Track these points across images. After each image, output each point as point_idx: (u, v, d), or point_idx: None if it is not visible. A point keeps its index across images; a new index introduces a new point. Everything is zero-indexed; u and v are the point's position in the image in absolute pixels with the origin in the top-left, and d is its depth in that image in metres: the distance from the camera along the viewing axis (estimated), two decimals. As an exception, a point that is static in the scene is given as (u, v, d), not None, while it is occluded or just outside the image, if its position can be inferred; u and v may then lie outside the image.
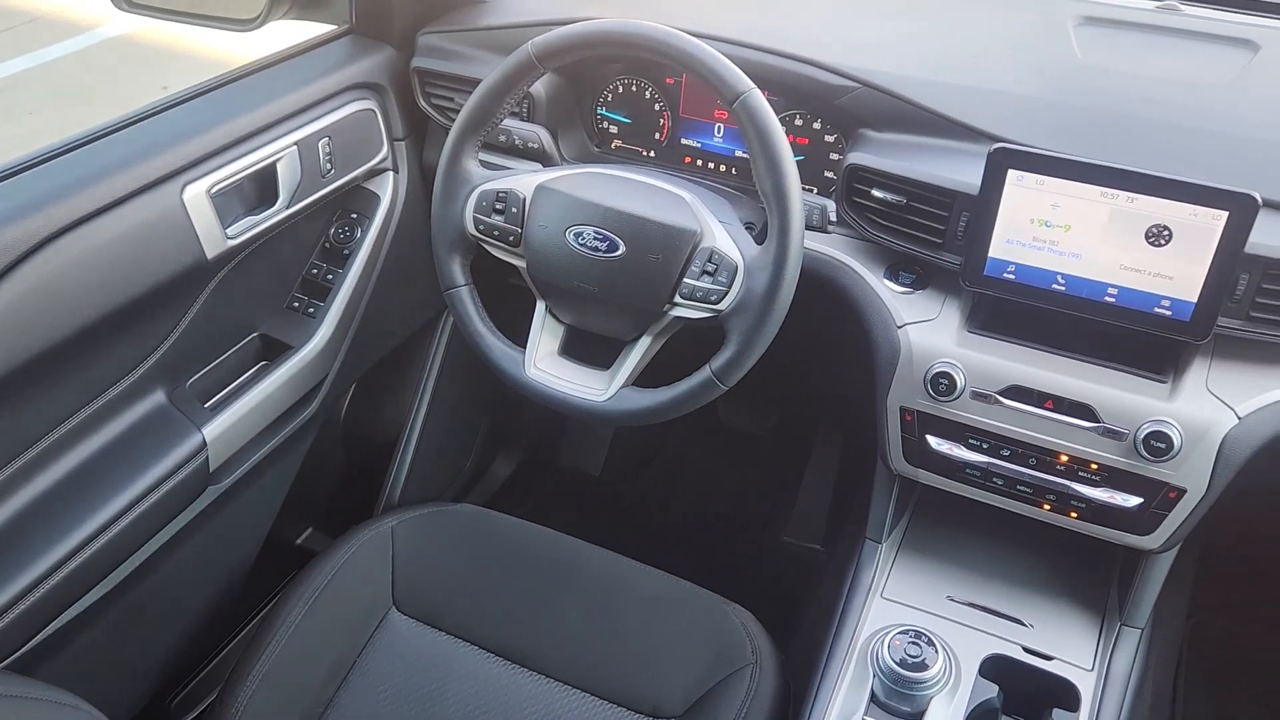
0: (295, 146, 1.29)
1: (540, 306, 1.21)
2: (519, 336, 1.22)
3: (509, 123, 1.35)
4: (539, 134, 1.34)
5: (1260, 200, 0.98)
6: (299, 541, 1.75)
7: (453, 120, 1.19)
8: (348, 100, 1.38)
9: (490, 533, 1.35)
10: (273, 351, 1.38)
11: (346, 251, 1.44)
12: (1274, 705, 1.74)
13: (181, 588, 1.36)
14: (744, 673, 1.17)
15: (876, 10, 1.41)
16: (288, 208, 1.30)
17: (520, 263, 1.19)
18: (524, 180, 1.18)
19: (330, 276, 1.43)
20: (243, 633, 1.62)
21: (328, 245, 1.45)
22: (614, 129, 1.45)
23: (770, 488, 2.13)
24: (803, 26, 1.34)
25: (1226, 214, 1.00)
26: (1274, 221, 1.04)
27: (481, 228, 1.18)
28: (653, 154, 1.44)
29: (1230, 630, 1.83)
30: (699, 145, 1.41)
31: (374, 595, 1.27)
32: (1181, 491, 1.10)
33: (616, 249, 1.11)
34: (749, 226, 1.17)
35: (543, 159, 1.35)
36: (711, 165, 1.41)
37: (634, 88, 1.41)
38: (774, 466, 2.16)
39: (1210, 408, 1.08)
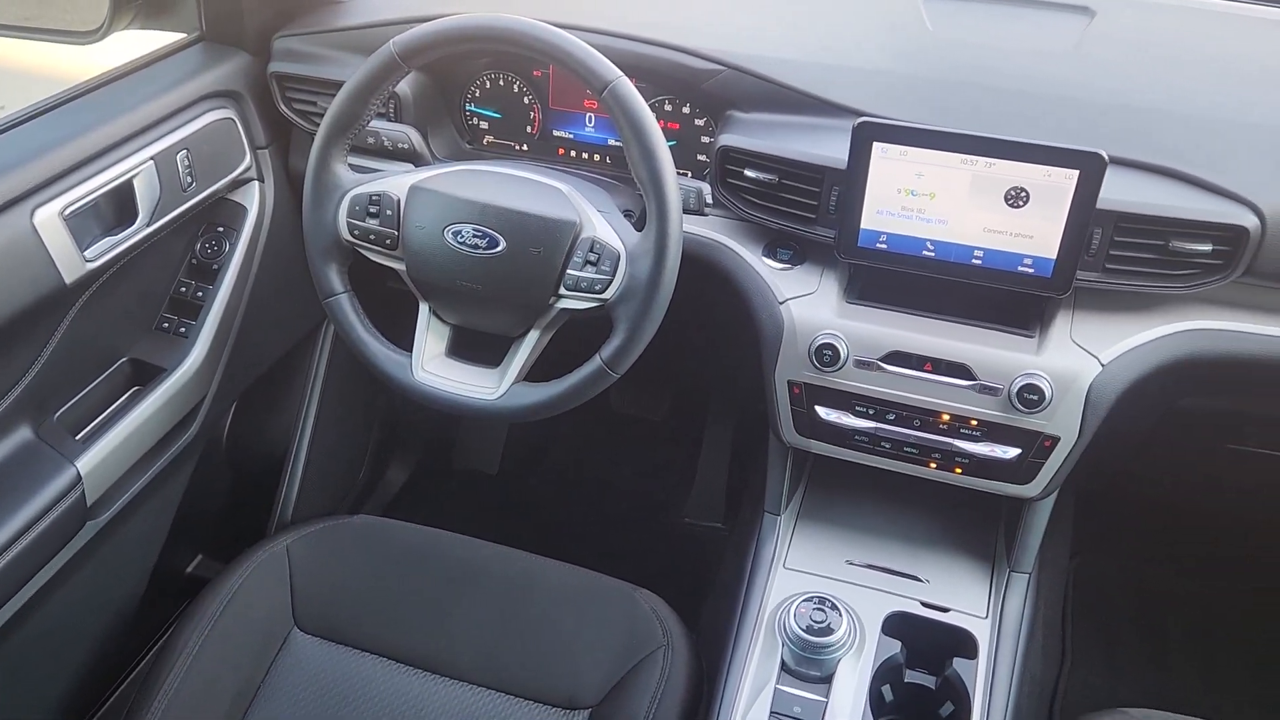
0: (152, 161, 1.24)
1: (423, 308, 1.20)
2: (404, 340, 1.21)
3: (377, 124, 1.33)
4: (408, 134, 1.32)
5: (1107, 158, 1.04)
6: (190, 570, 1.69)
7: (317, 125, 1.16)
8: (204, 110, 1.34)
9: (389, 542, 1.33)
10: (145, 375, 1.33)
11: (216, 266, 1.39)
12: (1153, 633, 1.84)
13: (67, 629, 1.30)
14: (656, 655, 1.18)
15: None
16: (149, 225, 1.25)
17: (399, 265, 1.17)
18: (397, 182, 1.16)
19: (200, 294, 1.38)
20: (136, 670, 1.56)
21: (195, 261, 1.40)
22: (485, 125, 1.43)
23: (668, 471, 2.15)
24: (666, 14, 1.35)
25: (1077, 173, 1.05)
26: (1121, 177, 1.10)
27: (356, 233, 1.16)
28: (526, 148, 1.43)
29: (1110, 567, 1.94)
30: (572, 136, 1.40)
31: (273, 617, 1.24)
32: (1055, 439, 1.16)
33: (497, 245, 1.11)
34: (628, 214, 1.17)
35: (414, 159, 1.33)
36: (586, 155, 1.41)
37: (502, 82, 1.40)
38: (670, 450, 2.19)
39: (1075, 358, 1.14)
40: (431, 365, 1.19)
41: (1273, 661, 1.80)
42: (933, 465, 1.23)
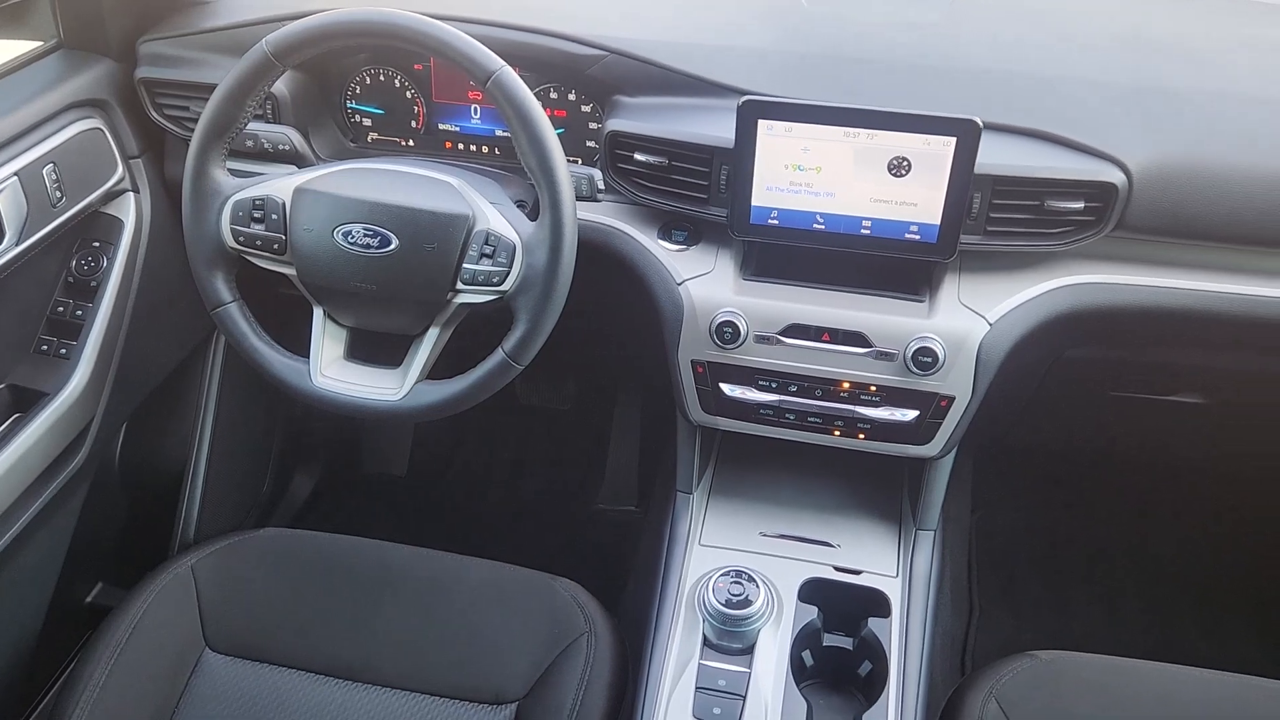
0: (16, 177, 1.18)
1: (318, 313, 1.17)
2: (300, 346, 1.18)
3: (255, 126, 1.29)
4: (288, 135, 1.28)
5: (981, 124, 1.08)
6: (90, 599, 1.62)
7: (192, 130, 1.12)
8: (69, 121, 1.28)
9: (300, 553, 1.30)
10: (25, 401, 1.27)
11: (94, 283, 1.34)
12: (1051, 577, 1.93)
13: (-40, 673, 1.24)
14: (580, 643, 1.19)
15: None
16: (18, 244, 1.19)
17: (289, 270, 1.14)
18: (280, 184, 1.13)
19: (80, 313, 1.32)
20: (39, 709, 1.49)
21: (71, 279, 1.34)
22: (367, 121, 1.41)
23: (579, 459, 2.15)
24: (547, 1, 1.34)
25: (955, 140, 1.09)
26: (996, 142, 1.14)
27: (241, 239, 1.13)
28: (412, 143, 1.41)
29: (1009, 518, 2.01)
30: (458, 129, 1.39)
31: (183, 640, 1.20)
32: (951, 399, 1.20)
33: (389, 243, 1.09)
34: (520, 204, 1.17)
35: (297, 160, 1.29)
36: (474, 148, 1.40)
37: (382, 77, 1.38)
38: (580, 437, 2.19)
39: (964, 319, 1.18)
40: (330, 370, 1.16)
41: (1167, 594, 1.90)
42: (837, 433, 1.26)
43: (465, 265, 1.09)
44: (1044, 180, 1.13)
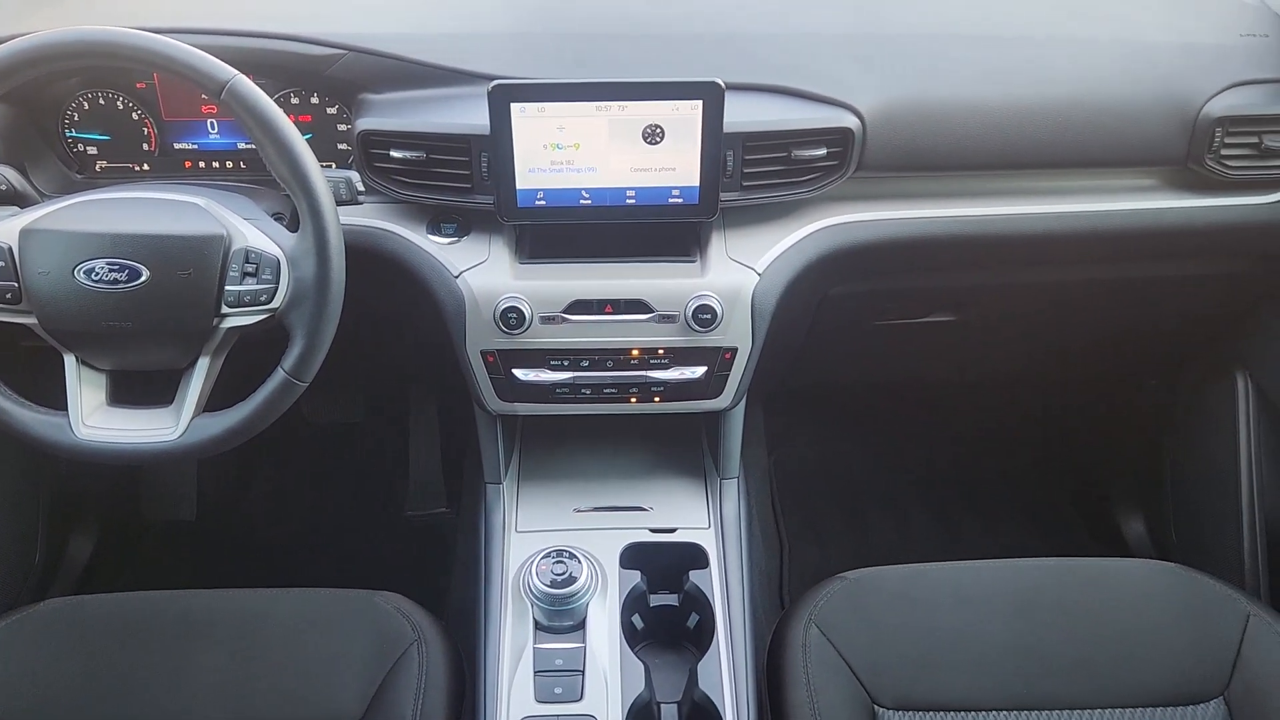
0: None
1: (69, 360, 1.08)
2: (56, 399, 1.09)
3: (-39, 169, 1.17)
4: (3, 174, 1.17)
5: (724, 85, 1.12)
6: None
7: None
8: None
9: (88, 621, 1.20)
10: None
11: None
12: (848, 504, 2.06)
13: None
14: (410, 652, 1.16)
15: None
16: None
17: (28, 320, 1.05)
18: (3, 228, 1.03)
19: None
20: None
21: None
22: (92, 150, 1.31)
23: (381, 469, 2.10)
24: (274, 4, 1.29)
25: (701, 103, 1.13)
26: (741, 101, 1.19)
27: None
28: (147, 167, 1.32)
29: (802, 456, 2.13)
30: (196, 147, 1.31)
31: (-32, 738, 1.09)
32: (734, 350, 1.25)
33: (139, 276, 1.02)
34: (278, 217, 1.12)
35: (17, 200, 1.18)
36: (216, 164, 1.32)
37: (102, 100, 1.28)
38: (378, 447, 2.13)
39: (735, 273, 1.23)
40: (94, 419, 1.08)
41: (948, 501, 2.06)
42: (634, 399, 1.29)
43: (228, 288, 1.03)
44: (788, 132, 1.19)
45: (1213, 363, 1.66)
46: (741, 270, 1.24)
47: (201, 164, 1.32)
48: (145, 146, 1.31)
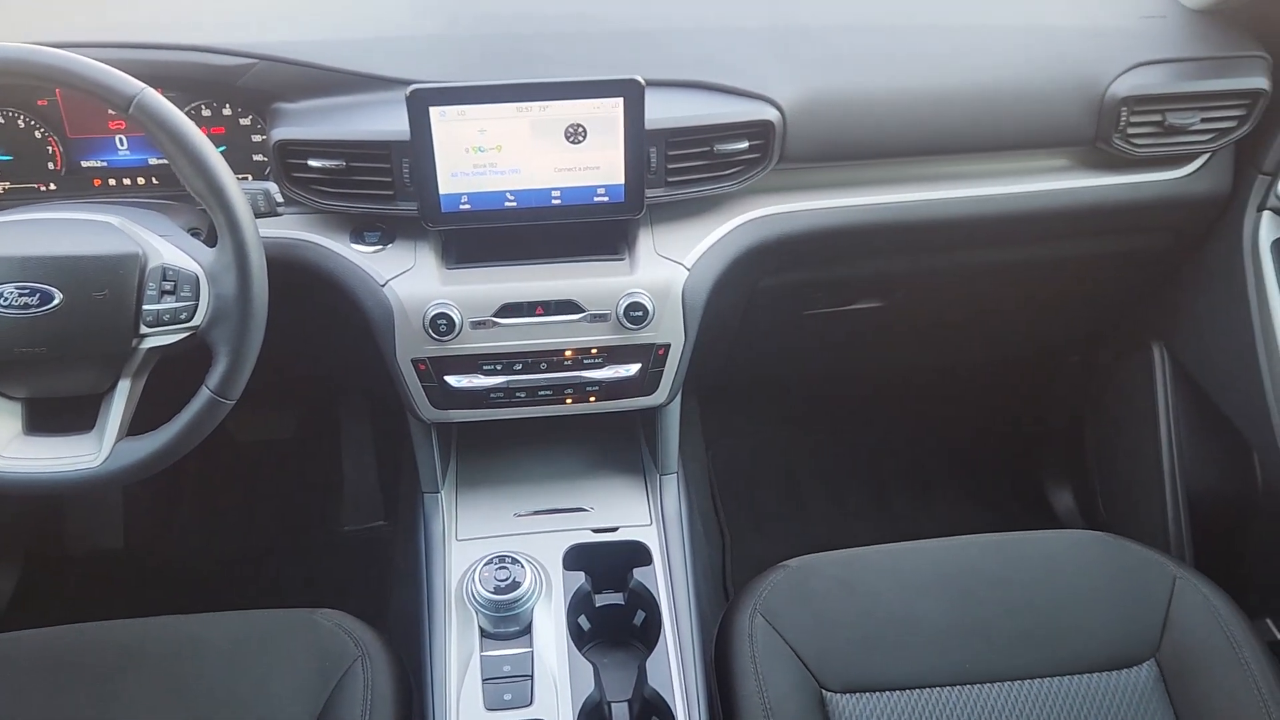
0: None
1: (-20, 390, 1.04)
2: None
3: None
4: (-100, 199, 1.13)
5: (644, 81, 1.12)
6: None
7: None
8: None
9: (15, 658, 1.16)
10: None
11: None
12: (786, 493, 2.08)
13: None
14: (354, 669, 1.14)
15: None
16: None
17: (-65, 350, 1.01)
18: None
19: None
20: None
21: None
22: (-7, 171, 1.26)
23: (315, 485, 2.06)
24: (179, 11, 1.25)
25: (622, 100, 1.13)
26: (663, 97, 1.20)
27: None
28: (54, 187, 1.27)
29: (740, 448, 2.14)
30: (105, 164, 1.27)
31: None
32: (667, 346, 1.25)
33: (51, 299, 0.98)
34: (195, 233, 1.09)
35: (-86, 227, 1.14)
36: (128, 181, 1.29)
37: (2, 120, 1.23)
38: (311, 463, 2.09)
39: (665, 269, 1.24)
40: (10, 449, 1.04)
41: (884, 485, 2.09)
42: (569, 400, 1.29)
43: (146, 307, 1.01)
44: (710, 127, 1.20)
45: (1130, 336, 1.72)
46: (671, 266, 1.24)
47: (112, 181, 1.28)
48: (51, 166, 1.26)
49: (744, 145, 1.21)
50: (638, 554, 1.31)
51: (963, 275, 1.58)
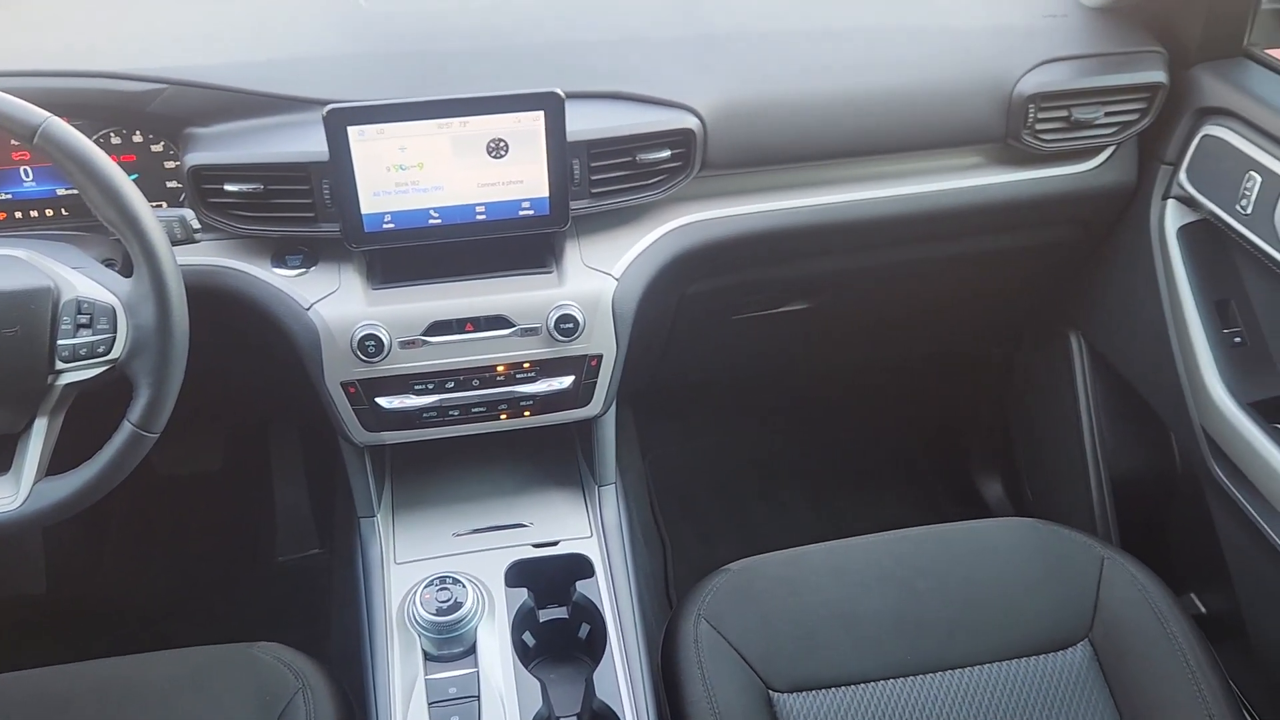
0: None
1: (-116, 436, 1.00)
2: None
3: None
4: None
5: (564, 94, 1.12)
6: None
7: None
8: None
9: None
10: None
11: None
12: (725, 497, 2.09)
13: None
14: (296, 701, 1.12)
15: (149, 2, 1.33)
16: None
17: None
18: None
19: None
20: None
21: None
22: (-108, 207, 1.21)
23: (246, 516, 2.01)
24: (93, 38, 1.22)
25: (543, 113, 1.13)
26: (584, 109, 1.20)
27: None
28: (-44, 221, 1.23)
29: (675, 453, 2.15)
30: (10, 196, 1.23)
31: None
32: (599, 357, 1.25)
33: (-41, 338, 0.95)
34: (109, 263, 1.06)
35: None
36: (35, 213, 1.24)
37: (-103, 154, 1.19)
38: (241, 494, 2.05)
39: (593, 280, 1.24)
40: (-79, 496, 1.00)
41: (821, 484, 2.12)
42: (504, 416, 1.28)
43: (61, 342, 0.98)
44: (631, 137, 1.21)
45: (1049, 327, 1.76)
46: (599, 277, 1.24)
47: (18, 214, 1.24)
48: (-48, 200, 1.22)
49: (666, 154, 1.22)
50: (579, 566, 1.31)
51: (886, 274, 1.61)
